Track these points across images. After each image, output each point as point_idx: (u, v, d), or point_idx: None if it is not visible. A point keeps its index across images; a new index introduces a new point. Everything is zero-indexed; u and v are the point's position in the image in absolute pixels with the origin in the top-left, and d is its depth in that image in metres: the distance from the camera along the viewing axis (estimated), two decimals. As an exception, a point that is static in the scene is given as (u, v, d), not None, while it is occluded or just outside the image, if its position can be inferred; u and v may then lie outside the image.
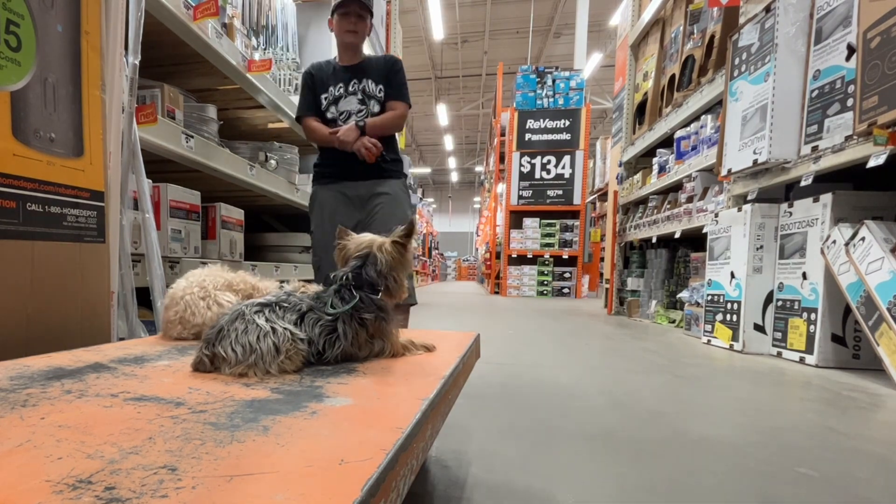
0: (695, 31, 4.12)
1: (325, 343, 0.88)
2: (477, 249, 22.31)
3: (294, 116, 2.45)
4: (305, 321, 0.88)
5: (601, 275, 8.10)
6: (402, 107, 2.21)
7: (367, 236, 1.02)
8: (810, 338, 2.59)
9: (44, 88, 1.13)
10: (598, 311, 6.00)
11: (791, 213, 2.80)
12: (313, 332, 0.87)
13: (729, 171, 3.18)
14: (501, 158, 10.74)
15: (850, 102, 2.39)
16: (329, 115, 2.21)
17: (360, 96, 2.19)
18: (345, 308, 0.91)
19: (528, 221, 9.36)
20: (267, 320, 0.84)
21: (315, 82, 2.24)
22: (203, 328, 1.10)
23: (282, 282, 1.24)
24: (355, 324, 0.91)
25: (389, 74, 2.20)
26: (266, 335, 0.81)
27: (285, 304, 0.89)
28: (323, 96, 2.22)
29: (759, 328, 2.95)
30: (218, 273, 1.22)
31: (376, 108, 2.19)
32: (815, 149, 2.60)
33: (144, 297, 1.70)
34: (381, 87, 2.19)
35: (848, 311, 2.46)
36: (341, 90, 2.20)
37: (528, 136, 9.23)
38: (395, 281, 0.99)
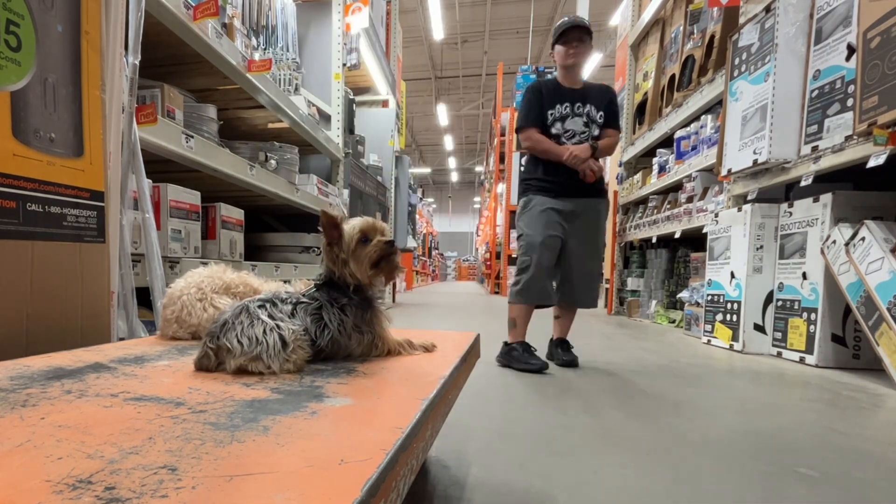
0: (695, 31, 4.12)
1: (315, 330, 0.91)
2: (477, 249, 22.31)
3: (517, 125, 2.59)
4: (298, 311, 0.91)
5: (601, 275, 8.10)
6: (617, 135, 2.50)
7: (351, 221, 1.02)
8: (810, 338, 2.59)
9: (44, 88, 1.13)
10: (598, 311, 6.00)
11: (791, 213, 2.80)
12: (306, 321, 0.90)
13: (729, 171, 3.18)
14: (501, 158, 10.73)
15: (850, 102, 2.39)
16: (553, 131, 2.44)
17: (584, 119, 2.44)
18: (312, 294, 0.95)
19: (528, 221, 9.34)
20: (270, 316, 0.86)
21: (543, 98, 2.45)
22: (199, 329, 1.11)
23: (285, 281, 1.25)
24: (337, 311, 0.94)
25: (609, 103, 2.47)
26: (272, 329, 0.82)
27: (282, 297, 0.92)
28: (549, 112, 2.43)
29: (759, 328, 2.96)
30: (218, 274, 1.22)
31: (596, 132, 2.45)
32: (815, 149, 2.60)
33: (144, 297, 1.70)
34: (601, 113, 2.45)
35: (848, 311, 2.46)
36: (567, 109, 2.43)
37: (528, 136, 9.21)
38: (351, 273, 0.96)
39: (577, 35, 2.35)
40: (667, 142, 4.68)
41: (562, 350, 2.53)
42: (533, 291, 2.43)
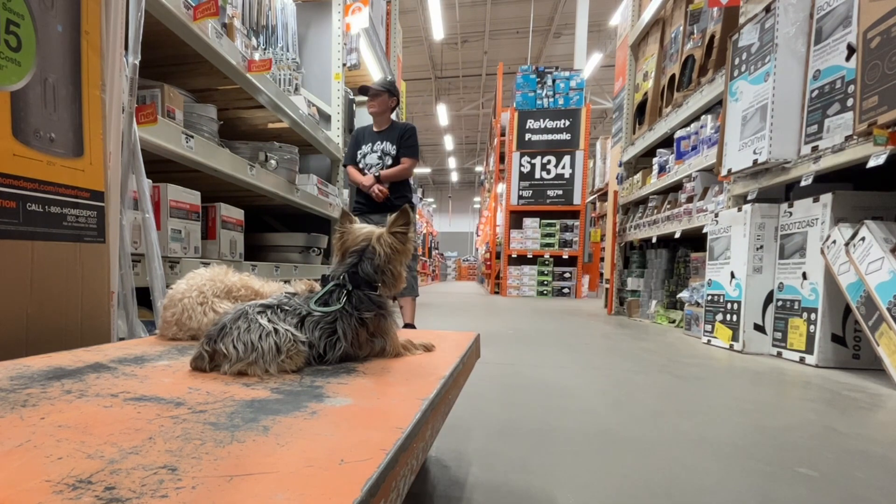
0: (695, 31, 4.12)
1: (325, 345, 0.88)
2: (477, 249, 22.30)
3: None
4: (306, 324, 0.87)
5: (601, 275, 8.11)
6: (409, 161, 3.22)
7: (366, 228, 1.01)
8: (810, 338, 2.59)
9: (44, 88, 1.13)
10: (598, 311, 6.00)
11: (791, 213, 2.80)
12: (314, 336, 0.87)
13: (729, 171, 3.18)
14: (501, 158, 10.74)
15: (850, 102, 2.39)
16: (361, 165, 3.27)
17: (379, 153, 3.22)
18: (334, 307, 0.90)
19: (528, 221, 9.35)
20: (269, 321, 0.84)
21: (357, 141, 3.31)
22: (199, 332, 1.10)
23: (286, 281, 1.24)
24: (355, 323, 0.91)
25: (401, 137, 3.20)
26: (268, 335, 0.81)
27: (287, 307, 0.88)
28: (358, 152, 3.28)
29: (759, 328, 2.96)
30: (220, 277, 1.21)
31: (389, 162, 3.20)
32: (815, 149, 2.60)
33: (144, 297, 1.70)
34: (394, 146, 3.20)
35: (848, 311, 2.46)
36: (368, 148, 3.25)
37: (528, 136, 9.23)
38: (393, 274, 0.97)
39: (373, 92, 3.19)
40: (667, 142, 4.68)
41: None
42: None
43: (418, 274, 3.41)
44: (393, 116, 3.35)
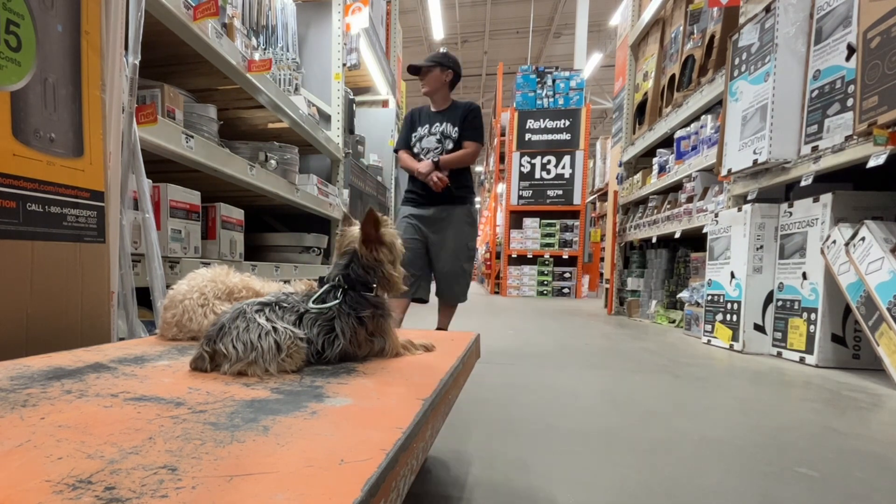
0: (695, 31, 4.12)
1: (324, 342, 0.88)
2: (477, 249, 22.29)
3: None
4: (304, 321, 0.88)
5: (601, 275, 8.10)
6: (473, 145, 2.77)
7: (356, 230, 1.00)
8: (810, 338, 2.59)
9: (44, 88, 1.13)
10: (598, 311, 6.00)
11: (791, 213, 2.80)
12: (312, 332, 0.87)
13: (729, 171, 3.18)
14: (501, 158, 10.73)
15: (850, 102, 2.39)
16: (415, 150, 2.85)
17: (437, 136, 2.79)
18: (331, 303, 0.90)
19: (528, 221, 9.35)
20: (268, 319, 0.84)
21: (411, 123, 2.90)
22: (199, 334, 1.10)
23: (286, 281, 1.24)
24: (353, 322, 0.91)
25: (463, 119, 2.76)
26: (267, 333, 0.81)
27: (285, 305, 0.89)
28: (413, 135, 2.86)
29: (759, 328, 2.95)
30: (221, 278, 1.21)
31: (450, 146, 2.77)
32: (815, 149, 2.60)
33: (144, 297, 1.70)
34: (456, 129, 2.76)
35: (848, 311, 2.46)
36: (426, 130, 2.82)
37: (528, 136, 9.22)
38: (385, 274, 0.97)
39: (416, 69, 2.80)
40: (667, 142, 4.68)
41: None
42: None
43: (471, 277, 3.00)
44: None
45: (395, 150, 3.00)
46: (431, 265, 2.86)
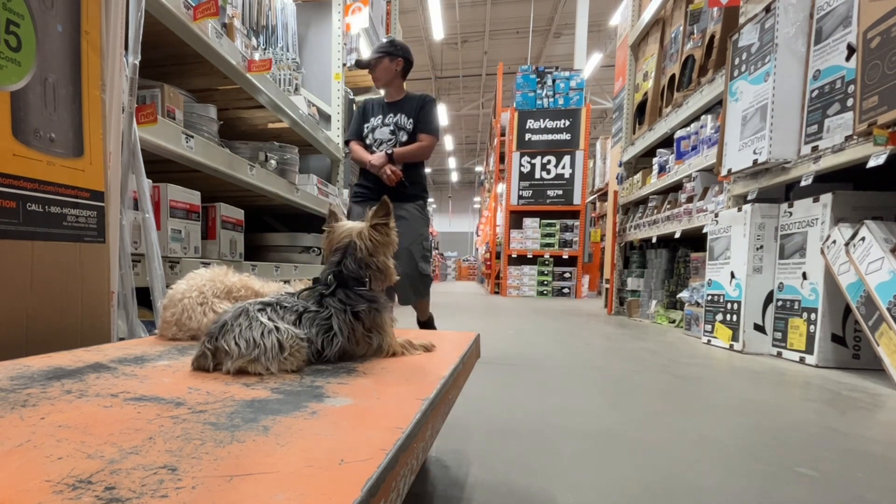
0: (695, 31, 4.12)
1: (323, 341, 0.89)
2: (477, 249, 22.29)
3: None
4: (303, 320, 0.88)
5: (601, 275, 8.11)
6: (428, 138, 2.63)
7: (347, 224, 1.01)
8: (810, 338, 2.59)
9: (44, 88, 1.13)
10: (599, 311, 6.00)
11: (791, 213, 2.80)
12: (311, 332, 0.87)
13: (729, 171, 3.18)
14: (501, 158, 10.73)
15: (850, 102, 2.39)
16: (367, 141, 2.69)
17: (391, 128, 2.64)
18: (325, 310, 0.92)
19: (528, 221, 9.35)
20: (270, 319, 0.84)
21: (364, 113, 2.74)
22: (199, 332, 1.11)
23: (285, 281, 1.24)
24: (350, 318, 0.91)
25: (419, 110, 2.63)
26: (270, 332, 0.81)
27: (286, 305, 0.89)
28: (365, 125, 2.70)
29: (759, 328, 2.95)
30: (220, 277, 1.21)
31: (404, 138, 2.61)
32: (815, 149, 2.60)
33: (144, 297, 1.70)
34: (411, 120, 2.62)
35: (848, 311, 2.46)
36: (379, 121, 2.67)
37: (528, 136, 9.22)
38: (378, 266, 0.98)
39: (364, 64, 2.72)
40: (667, 142, 4.68)
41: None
42: None
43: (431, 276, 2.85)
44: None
45: (346, 141, 2.84)
46: None
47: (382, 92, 2.77)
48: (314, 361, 0.88)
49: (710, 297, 3.35)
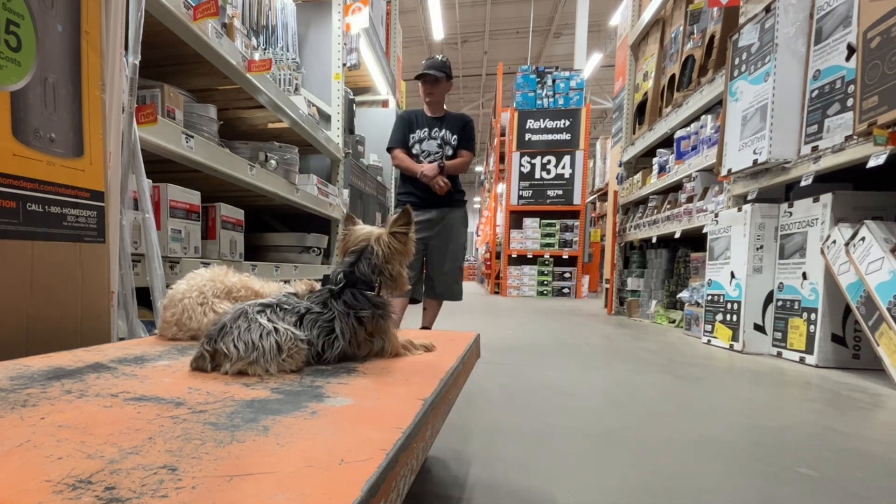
0: (695, 31, 4.12)
1: (323, 343, 0.88)
2: (477, 249, 22.29)
3: (387, 146, 3.12)
4: (304, 322, 0.88)
5: (601, 275, 8.10)
6: (468, 155, 2.95)
7: (366, 228, 1.01)
8: (810, 338, 2.59)
9: (44, 88, 1.13)
10: (599, 311, 6.00)
11: (791, 213, 2.80)
12: (312, 334, 0.87)
13: (729, 171, 3.18)
14: (501, 158, 10.74)
15: (850, 102, 2.39)
16: (414, 151, 2.94)
17: (438, 141, 2.92)
18: (330, 308, 0.92)
19: (528, 221, 9.35)
20: (269, 320, 0.84)
21: (408, 124, 2.98)
22: (198, 332, 1.11)
23: (286, 281, 1.24)
24: (353, 322, 0.91)
25: (462, 129, 2.96)
26: (269, 334, 0.81)
27: (286, 306, 0.89)
28: (411, 136, 2.94)
29: (759, 328, 2.95)
30: (220, 277, 1.21)
31: (449, 152, 2.92)
32: (815, 149, 2.60)
33: (144, 297, 1.70)
34: (455, 136, 2.94)
35: (848, 311, 2.46)
36: (425, 133, 2.93)
37: (528, 136, 9.22)
38: (391, 274, 0.97)
39: (431, 78, 2.91)
40: (667, 142, 4.68)
41: None
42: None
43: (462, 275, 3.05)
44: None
45: (390, 149, 3.03)
46: (426, 266, 2.97)
47: (425, 106, 3.02)
48: (314, 363, 0.88)
49: (710, 297, 3.35)
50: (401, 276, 0.99)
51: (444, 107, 3.04)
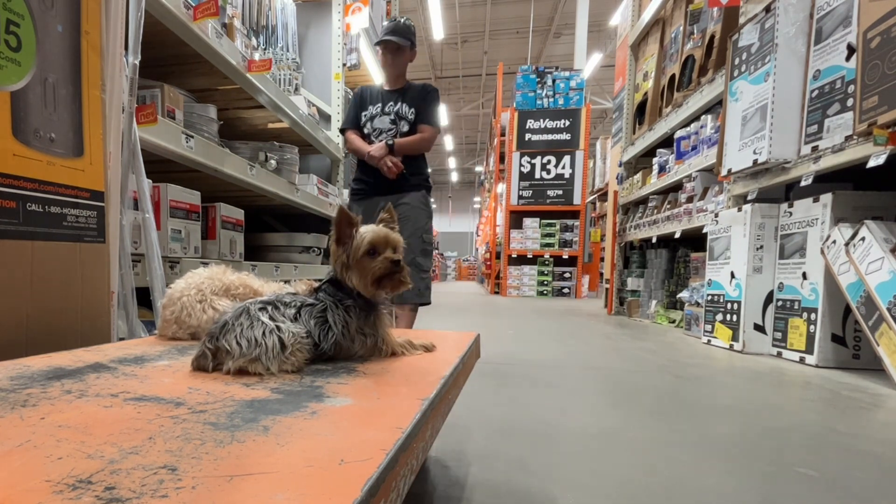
0: (695, 31, 4.12)
1: (319, 333, 0.90)
2: (477, 249, 22.30)
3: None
4: (302, 314, 0.90)
5: (601, 275, 8.10)
6: (429, 129, 2.46)
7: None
8: (810, 338, 2.59)
9: (44, 88, 1.13)
10: (599, 311, 6.00)
11: (791, 213, 2.80)
12: (310, 325, 0.89)
13: (729, 171, 3.18)
14: (501, 158, 10.73)
15: (850, 102, 2.39)
16: (365, 131, 2.52)
17: (392, 117, 2.47)
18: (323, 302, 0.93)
19: (528, 221, 9.35)
20: (271, 318, 0.85)
21: (361, 101, 2.55)
22: (198, 330, 1.11)
23: (285, 281, 1.24)
24: (342, 312, 0.93)
25: (422, 100, 2.47)
26: (271, 331, 0.82)
27: (286, 301, 0.91)
28: (363, 113, 2.52)
29: (759, 328, 2.95)
30: (218, 276, 1.22)
31: (405, 128, 2.45)
32: (815, 149, 2.60)
33: (144, 297, 1.70)
34: (412, 109, 2.45)
35: (848, 311, 2.46)
36: (378, 109, 2.49)
37: (528, 136, 9.23)
38: (351, 287, 0.95)
39: (393, 45, 2.44)
40: (667, 142, 4.68)
41: None
42: None
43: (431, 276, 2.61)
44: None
45: (342, 130, 2.65)
46: None
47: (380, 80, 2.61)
48: (314, 353, 0.89)
49: (710, 297, 3.35)
50: (360, 284, 0.94)
51: (410, 80, 2.59)
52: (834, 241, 2.44)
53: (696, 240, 4.07)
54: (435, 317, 5.14)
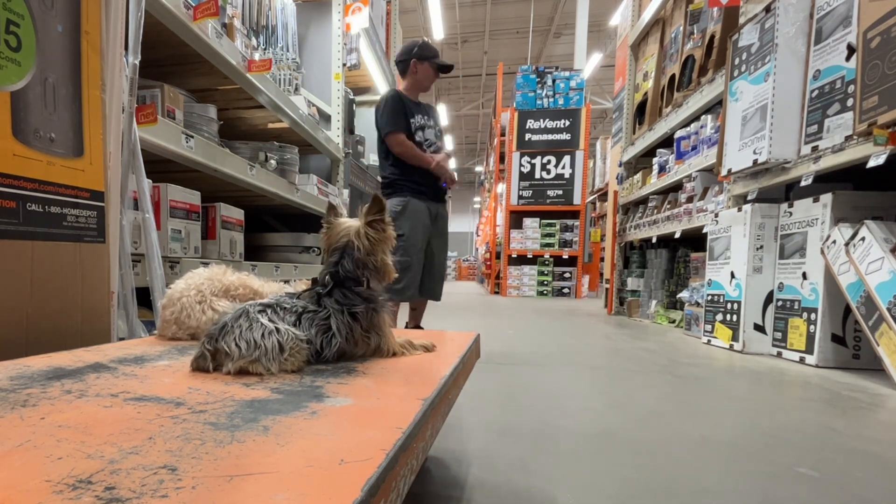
0: (695, 31, 4.12)
1: (322, 341, 0.89)
2: (477, 249, 22.29)
3: (385, 130, 2.83)
4: (302, 321, 0.89)
5: (601, 275, 8.10)
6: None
7: (346, 222, 1.01)
8: (810, 338, 2.59)
9: (44, 88, 1.13)
10: (598, 311, 6.00)
11: (791, 213, 2.80)
12: (311, 332, 0.88)
13: (729, 171, 3.18)
14: (501, 158, 10.73)
15: (850, 102, 2.39)
16: (417, 139, 2.68)
17: (435, 130, 2.75)
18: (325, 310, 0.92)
19: (528, 221, 9.35)
20: (270, 320, 0.84)
21: (405, 107, 2.67)
22: (198, 331, 1.11)
23: (285, 281, 1.24)
24: (347, 318, 0.91)
25: (437, 118, 2.81)
26: (271, 333, 0.81)
27: (285, 306, 0.90)
28: (411, 121, 2.67)
29: (759, 328, 2.95)
30: (218, 276, 1.22)
31: (441, 143, 2.78)
32: (815, 149, 2.60)
33: (144, 297, 1.70)
34: (440, 127, 2.81)
35: (848, 311, 2.46)
36: (423, 120, 2.71)
37: (528, 136, 9.22)
38: (375, 265, 0.97)
39: (448, 70, 2.74)
40: (667, 142, 4.68)
41: None
42: (412, 289, 2.69)
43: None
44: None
45: (389, 132, 2.66)
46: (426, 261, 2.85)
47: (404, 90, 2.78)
48: (314, 362, 0.88)
49: (710, 297, 3.35)
50: (386, 264, 0.98)
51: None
52: (834, 241, 2.44)
53: (696, 240, 4.07)
54: (435, 317, 5.14)
